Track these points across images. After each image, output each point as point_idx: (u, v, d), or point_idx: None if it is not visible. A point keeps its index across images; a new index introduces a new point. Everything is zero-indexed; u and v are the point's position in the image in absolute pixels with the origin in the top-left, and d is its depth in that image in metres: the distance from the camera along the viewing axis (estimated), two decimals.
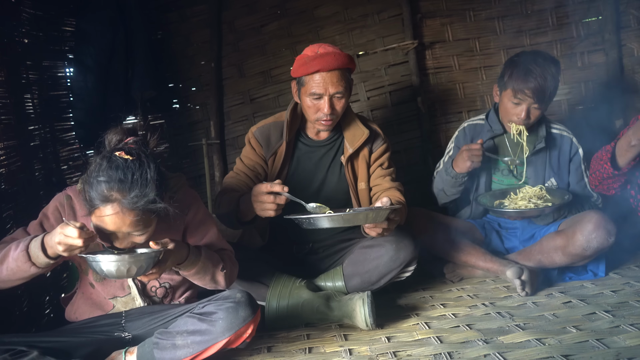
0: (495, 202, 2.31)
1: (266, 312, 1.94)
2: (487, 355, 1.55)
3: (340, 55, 2.00)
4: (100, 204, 1.41)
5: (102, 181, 1.41)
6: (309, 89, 2.01)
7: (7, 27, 2.18)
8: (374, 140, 2.19)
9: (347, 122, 2.16)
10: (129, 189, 1.40)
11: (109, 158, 1.44)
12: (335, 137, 2.19)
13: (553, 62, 2.25)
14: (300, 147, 2.19)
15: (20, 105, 2.24)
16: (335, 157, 2.19)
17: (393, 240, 2.00)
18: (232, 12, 3.12)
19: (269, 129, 2.16)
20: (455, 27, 3.09)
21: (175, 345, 1.48)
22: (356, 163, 2.17)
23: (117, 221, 1.42)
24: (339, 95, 2.01)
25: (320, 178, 2.18)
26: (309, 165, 2.18)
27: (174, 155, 3.14)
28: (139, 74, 2.75)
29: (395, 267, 2.01)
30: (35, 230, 1.57)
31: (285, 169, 2.15)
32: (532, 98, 2.20)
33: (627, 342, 1.55)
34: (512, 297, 2.08)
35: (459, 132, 2.51)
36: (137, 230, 1.45)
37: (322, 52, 2.00)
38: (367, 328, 1.82)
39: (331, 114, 2.01)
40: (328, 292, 2.00)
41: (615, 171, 2.08)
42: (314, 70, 1.97)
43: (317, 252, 2.21)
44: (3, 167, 2.02)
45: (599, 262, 2.22)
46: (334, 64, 1.97)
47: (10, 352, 1.40)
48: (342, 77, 2.00)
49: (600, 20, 3.00)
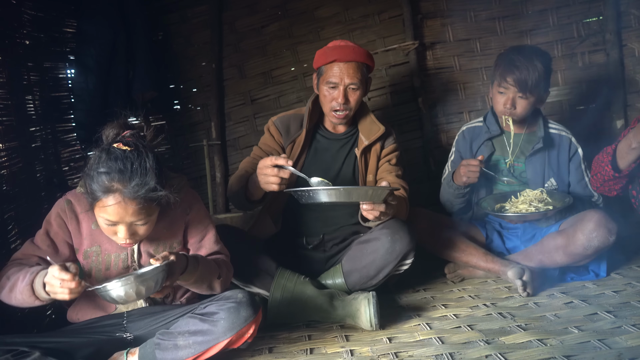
0: (496, 205, 2.31)
1: (269, 305, 1.94)
2: (488, 356, 1.54)
3: (359, 49, 2.12)
4: (102, 195, 1.43)
5: (102, 172, 1.43)
6: (326, 78, 2.11)
7: (8, 28, 2.18)
8: (387, 137, 2.28)
9: (364, 117, 2.26)
10: (129, 179, 1.43)
11: (108, 150, 1.47)
12: (352, 132, 2.27)
13: (541, 55, 2.27)
14: (318, 139, 2.26)
15: (21, 106, 2.24)
16: (350, 150, 2.26)
17: (388, 232, 1.99)
18: (232, 13, 3.13)
19: (289, 119, 2.25)
20: (456, 28, 3.09)
21: (177, 346, 1.49)
22: (368, 156, 2.25)
23: (119, 211, 1.44)
24: (353, 87, 2.10)
25: (336, 169, 2.24)
26: (326, 156, 2.25)
27: (175, 156, 3.14)
28: (140, 75, 2.75)
29: (392, 259, 2.00)
30: (42, 240, 1.59)
31: (302, 157, 2.22)
32: (515, 87, 2.24)
33: (629, 342, 1.55)
34: (514, 297, 2.07)
35: (458, 136, 2.53)
36: (139, 219, 1.48)
37: (342, 45, 2.13)
38: (371, 328, 1.82)
39: (345, 104, 2.10)
40: (332, 291, 2.00)
41: (616, 174, 2.08)
42: (332, 59, 2.08)
43: (325, 245, 2.21)
44: (4, 169, 2.02)
45: (600, 263, 2.22)
46: (352, 55, 2.08)
47: (12, 352, 1.40)
48: (358, 70, 2.09)
49: (601, 20, 3.00)
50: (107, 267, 1.63)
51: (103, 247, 1.63)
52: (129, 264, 1.64)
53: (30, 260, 1.56)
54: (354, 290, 2.05)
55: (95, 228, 1.61)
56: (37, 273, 1.44)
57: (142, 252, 1.65)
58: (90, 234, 1.62)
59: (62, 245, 1.61)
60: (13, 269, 1.51)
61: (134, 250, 1.64)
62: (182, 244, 1.72)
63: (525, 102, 2.26)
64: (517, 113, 2.29)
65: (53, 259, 1.52)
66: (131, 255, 1.64)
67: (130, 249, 1.64)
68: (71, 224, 1.61)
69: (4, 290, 1.48)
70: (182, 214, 1.70)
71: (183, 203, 1.70)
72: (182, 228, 1.71)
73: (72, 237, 1.63)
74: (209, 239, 1.74)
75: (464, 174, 2.25)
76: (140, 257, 1.65)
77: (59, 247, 1.61)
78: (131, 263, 1.64)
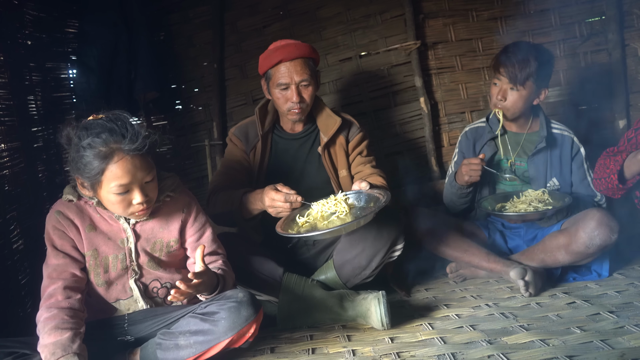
0: (497, 205, 2.31)
1: (278, 310, 1.93)
2: (490, 356, 1.54)
3: (301, 45, 2.11)
4: (103, 164, 1.44)
5: (94, 144, 1.44)
6: (275, 81, 2.11)
7: (10, 29, 2.18)
8: (349, 129, 2.26)
9: (319, 112, 2.25)
10: (122, 135, 1.46)
11: (84, 127, 1.49)
12: (310, 130, 2.27)
13: (541, 50, 2.28)
14: (277, 141, 2.27)
15: (23, 106, 2.24)
16: (312, 148, 2.27)
17: (374, 219, 1.94)
18: (234, 13, 3.12)
19: (246, 127, 2.26)
20: (458, 27, 3.08)
21: (178, 346, 1.49)
22: (333, 151, 2.24)
23: (129, 168, 1.46)
24: (305, 83, 2.10)
25: (299, 169, 2.25)
26: (286, 157, 2.26)
27: (176, 156, 3.15)
28: (142, 75, 2.75)
29: (381, 246, 2.00)
30: (55, 256, 1.56)
31: (265, 162, 2.23)
32: (505, 77, 2.26)
33: (632, 342, 1.54)
34: (516, 297, 2.07)
35: (461, 137, 2.54)
36: (148, 173, 1.51)
37: (283, 44, 2.12)
38: (382, 328, 1.81)
39: (300, 102, 2.10)
40: (341, 292, 1.99)
41: (621, 185, 2.09)
42: (277, 60, 2.08)
43: (312, 246, 2.21)
44: (7, 169, 2.03)
45: (602, 262, 2.21)
46: (296, 52, 2.08)
47: (13, 355, 1.41)
48: (305, 65, 2.09)
49: (604, 20, 2.99)
50: (105, 270, 1.62)
51: (100, 250, 1.61)
52: (128, 264, 1.64)
53: (67, 279, 1.53)
54: (349, 284, 2.05)
55: (89, 232, 1.60)
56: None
57: (139, 251, 1.65)
58: (86, 238, 1.61)
59: (74, 252, 1.59)
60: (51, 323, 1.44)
61: (131, 249, 1.64)
62: (180, 242, 1.72)
63: (516, 94, 2.27)
64: (507, 106, 2.30)
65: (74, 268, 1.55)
66: (129, 255, 1.64)
67: (128, 248, 1.63)
68: (71, 231, 1.60)
69: None
70: (179, 212, 1.71)
71: (179, 202, 1.71)
72: (179, 227, 1.71)
73: (77, 243, 1.60)
74: (207, 237, 1.75)
75: (466, 172, 2.25)
76: (138, 256, 1.65)
77: (72, 254, 1.58)
78: (130, 263, 1.64)
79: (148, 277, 1.67)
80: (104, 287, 1.63)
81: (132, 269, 1.64)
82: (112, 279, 1.63)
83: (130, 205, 1.53)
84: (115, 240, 1.63)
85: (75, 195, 1.61)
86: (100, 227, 1.63)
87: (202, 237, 1.74)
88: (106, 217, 1.63)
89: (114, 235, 1.63)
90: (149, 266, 1.66)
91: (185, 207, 1.72)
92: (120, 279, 1.64)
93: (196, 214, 1.74)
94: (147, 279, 1.67)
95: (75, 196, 1.60)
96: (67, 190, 1.62)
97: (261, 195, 1.94)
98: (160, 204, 1.68)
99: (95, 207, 1.61)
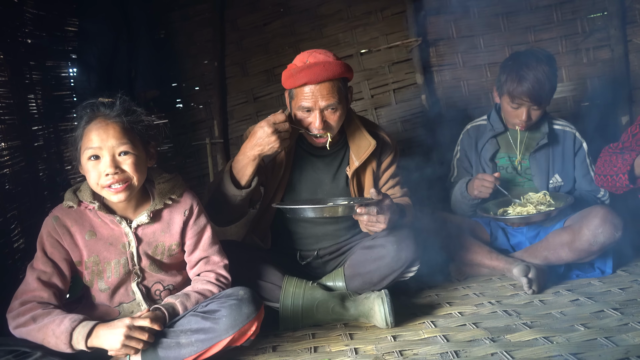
0: (499, 210, 2.30)
1: (280, 314, 1.91)
2: (494, 354, 1.53)
3: (330, 65, 1.83)
4: (82, 131, 1.52)
5: (83, 113, 1.55)
6: (298, 102, 1.87)
7: (10, 27, 2.18)
8: (381, 148, 2.08)
9: (352, 131, 2.03)
10: (111, 105, 1.55)
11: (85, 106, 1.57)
12: (339, 147, 2.06)
13: (547, 60, 2.23)
14: (300, 155, 2.06)
15: (24, 105, 2.24)
16: (340, 168, 2.07)
17: (394, 240, 1.94)
18: (234, 11, 3.12)
19: None
20: (459, 24, 3.07)
21: (180, 344, 1.48)
22: (362, 175, 2.07)
23: (101, 133, 1.50)
24: (332, 109, 1.87)
25: (325, 189, 2.07)
26: (312, 174, 2.07)
27: (177, 154, 3.14)
28: (142, 73, 2.75)
29: (397, 267, 1.96)
30: (43, 263, 1.55)
31: (287, 176, 2.04)
32: (529, 102, 2.22)
33: (636, 339, 1.54)
34: (519, 295, 2.06)
35: (463, 135, 2.52)
36: (122, 143, 1.51)
37: (311, 62, 1.84)
38: (386, 327, 1.80)
39: (325, 128, 1.88)
40: (343, 292, 1.97)
41: (631, 185, 2.07)
42: (301, 83, 1.83)
43: (321, 259, 2.15)
44: (7, 168, 2.02)
45: (606, 260, 2.20)
46: (323, 75, 1.81)
47: (14, 353, 1.40)
48: (333, 89, 1.84)
49: (606, 15, 2.98)
50: (108, 275, 1.61)
51: (101, 256, 1.60)
52: (130, 269, 1.62)
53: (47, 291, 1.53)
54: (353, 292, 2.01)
55: (89, 238, 1.59)
56: (80, 322, 1.42)
57: (141, 255, 1.63)
58: (86, 245, 1.59)
59: (63, 264, 1.58)
60: (38, 310, 1.47)
61: (133, 254, 1.62)
62: (181, 245, 1.71)
63: (539, 111, 2.28)
64: (533, 122, 2.30)
65: (58, 280, 1.55)
66: (131, 260, 1.62)
67: (130, 252, 1.62)
68: (65, 240, 1.58)
69: (28, 328, 1.45)
70: (180, 216, 1.69)
71: (182, 204, 1.69)
72: (180, 230, 1.69)
73: (70, 252, 1.59)
74: (205, 241, 1.72)
75: (477, 187, 2.24)
76: (140, 260, 1.63)
77: (60, 265, 1.57)
78: (132, 267, 1.62)
79: (150, 280, 1.66)
80: (107, 292, 1.62)
81: (135, 272, 1.63)
82: (114, 284, 1.62)
83: (100, 176, 1.51)
84: (116, 245, 1.61)
85: (76, 200, 1.59)
86: (101, 233, 1.61)
87: (200, 241, 1.72)
88: (107, 221, 1.61)
89: (115, 240, 1.62)
90: (151, 269, 1.65)
91: (188, 210, 1.70)
92: (123, 283, 1.63)
93: (197, 215, 1.72)
94: (150, 282, 1.66)
95: (75, 202, 1.59)
96: (68, 195, 1.61)
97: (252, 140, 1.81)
98: (162, 207, 1.66)
99: (96, 212, 1.60)
